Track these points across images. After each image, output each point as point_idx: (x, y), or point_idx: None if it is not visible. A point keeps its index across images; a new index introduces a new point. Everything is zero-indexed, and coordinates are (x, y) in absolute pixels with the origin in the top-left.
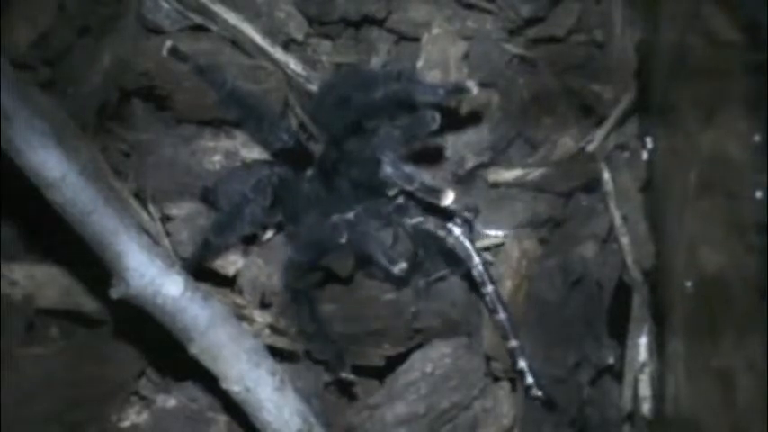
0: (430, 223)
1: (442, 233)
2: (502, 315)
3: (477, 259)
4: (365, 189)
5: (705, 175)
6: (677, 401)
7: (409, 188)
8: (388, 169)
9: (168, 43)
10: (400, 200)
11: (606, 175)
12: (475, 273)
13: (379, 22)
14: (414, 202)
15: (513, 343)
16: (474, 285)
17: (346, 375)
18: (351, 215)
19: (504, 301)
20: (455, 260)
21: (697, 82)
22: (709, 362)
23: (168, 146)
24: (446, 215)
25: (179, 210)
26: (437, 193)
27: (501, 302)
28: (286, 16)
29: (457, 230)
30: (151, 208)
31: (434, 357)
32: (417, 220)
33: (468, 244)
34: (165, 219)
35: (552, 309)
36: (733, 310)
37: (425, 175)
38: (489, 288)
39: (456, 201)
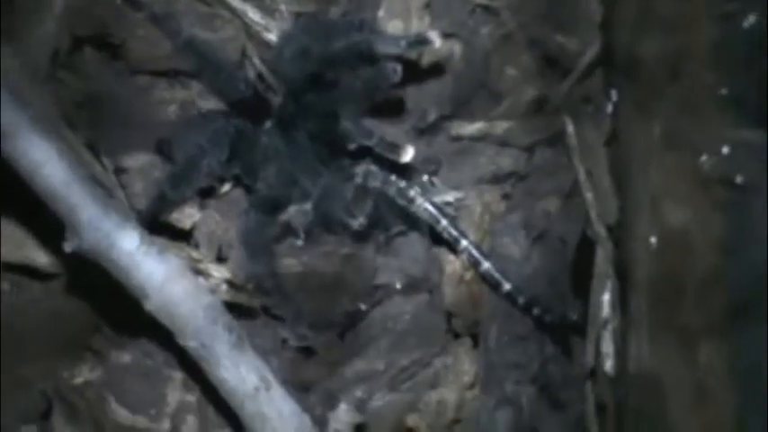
0: (392, 187)
1: (402, 201)
2: (486, 264)
3: (444, 221)
4: (324, 142)
5: (670, 129)
6: (639, 358)
7: (368, 143)
8: (345, 123)
9: None
10: (363, 159)
11: (570, 129)
12: (445, 235)
13: None
14: (373, 157)
15: (507, 286)
16: (436, 240)
17: (305, 332)
18: (309, 168)
19: (484, 250)
20: (414, 223)
21: (663, 33)
22: (672, 319)
23: (122, 96)
24: (406, 170)
25: (133, 161)
26: (396, 148)
27: (481, 253)
28: None
29: (420, 200)
30: (105, 160)
31: (395, 314)
32: (376, 183)
33: (432, 209)
34: (120, 171)
35: (515, 264)
36: (697, 266)
37: (385, 130)
38: (464, 243)
39: (417, 154)
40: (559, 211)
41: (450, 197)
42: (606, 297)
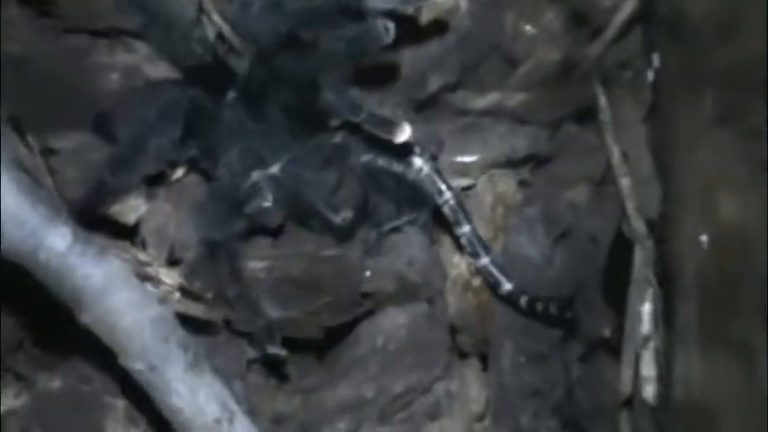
0: (383, 159)
1: (398, 167)
2: (485, 260)
3: (448, 194)
4: (301, 118)
5: (723, 102)
6: (687, 382)
7: (355, 119)
8: (328, 95)
9: None
10: (344, 133)
11: (602, 101)
12: (446, 210)
13: None
14: (362, 137)
15: (508, 286)
16: (444, 226)
17: (276, 351)
18: (283, 150)
19: (486, 242)
20: (415, 203)
21: None
22: (728, 334)
23: (52, 61)
24: (402, 152)
25: (66, 141)
26: (390, 126)
27: (481, 244)
28: None
29: (419, 161)
30: (31, 139)
31: (387, 329)
32: (367, 157)
33: (434, 175)
34: (49, 152)
35: (533, 268)
36: (757, 269)
37: (376, 103)
38: (466, 228)
39: (415, 133)
40: (589, 202)
41: (454, 184)
42: (646, 308)
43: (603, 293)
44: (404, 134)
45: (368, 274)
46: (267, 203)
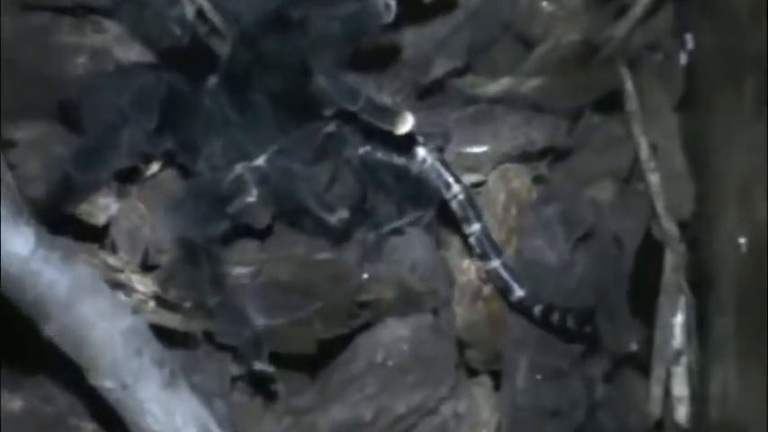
0: (382, 150)
1: (400, 160)
2: (495, 262)
3: (456, 187)
4: (290, 107)
5: (765, 88)
6: (725, 402)
7: (351, 108)
8: (321, 81)
9: None
10: (339, 122)
11: (629, 87)
12: (454, 206)
13: None
14: (358, 126)
15: (520, 293)
16: (451, 225)
17: (263, 367)
18: (269, 142)
19: (498, 244)
20: (419, 200)
21: None
22: None
23: (12, 41)
24: (403, 144)
25: (27, 132)
26: (391, 115)
27: (493, 245)
28: None
29: (422, 151)
30: None
31: (387, 342)
32: (364, 148)
33: (440, 167)
34: (7, 144)
35: (551, 274)
36: None
37: (375, 90)
38: (476, 227)
39: (418, 124)
40: (613, 200)
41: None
42: (678, 319)
43: (630, 303)
44: (406, 124)
45: (366, 279)
46: (251, 199)
